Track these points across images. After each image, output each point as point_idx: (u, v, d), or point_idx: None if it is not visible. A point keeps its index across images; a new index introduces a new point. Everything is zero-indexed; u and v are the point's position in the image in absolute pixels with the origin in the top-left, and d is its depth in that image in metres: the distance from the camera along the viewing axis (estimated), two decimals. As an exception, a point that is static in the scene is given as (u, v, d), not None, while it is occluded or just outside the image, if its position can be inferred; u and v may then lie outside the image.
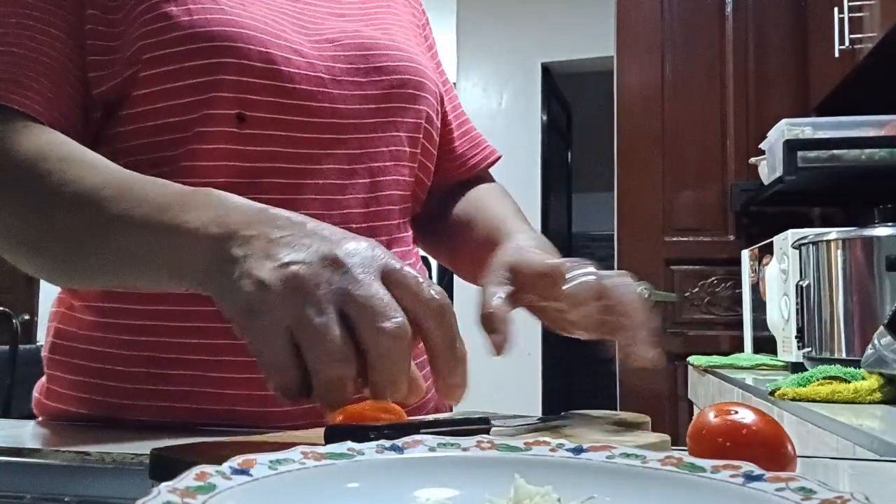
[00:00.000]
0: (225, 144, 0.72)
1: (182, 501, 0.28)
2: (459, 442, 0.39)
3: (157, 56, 0.70)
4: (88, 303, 0.76)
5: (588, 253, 4.10)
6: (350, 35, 0.80)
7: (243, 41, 0.71)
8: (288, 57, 0.74)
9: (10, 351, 2.33)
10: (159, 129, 0.72)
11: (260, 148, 0.73)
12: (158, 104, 0.72)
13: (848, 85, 2.10)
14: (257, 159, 0.73)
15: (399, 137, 0.80)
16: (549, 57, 4.27)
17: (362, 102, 0.78)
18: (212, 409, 0.72)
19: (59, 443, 0.69)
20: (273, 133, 0.73)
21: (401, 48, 0.82)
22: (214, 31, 0.71)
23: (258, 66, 0.72)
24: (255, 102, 0.72)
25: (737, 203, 2.57)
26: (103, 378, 0.74)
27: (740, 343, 2.38)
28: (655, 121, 2.67)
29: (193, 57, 0.70)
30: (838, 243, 1.57)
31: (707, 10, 2.69)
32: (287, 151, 0.74)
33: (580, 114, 5.33)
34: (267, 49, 0.72)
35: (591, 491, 0.35)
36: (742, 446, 0.43)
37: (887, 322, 1.19)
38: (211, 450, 0.48)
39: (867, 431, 0.95)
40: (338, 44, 0.78)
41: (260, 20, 0.74)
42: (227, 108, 0.71)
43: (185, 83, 0.71)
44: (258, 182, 0.72)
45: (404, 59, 0.81)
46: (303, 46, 0.76)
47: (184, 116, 0.71)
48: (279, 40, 0.74)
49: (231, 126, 0.72)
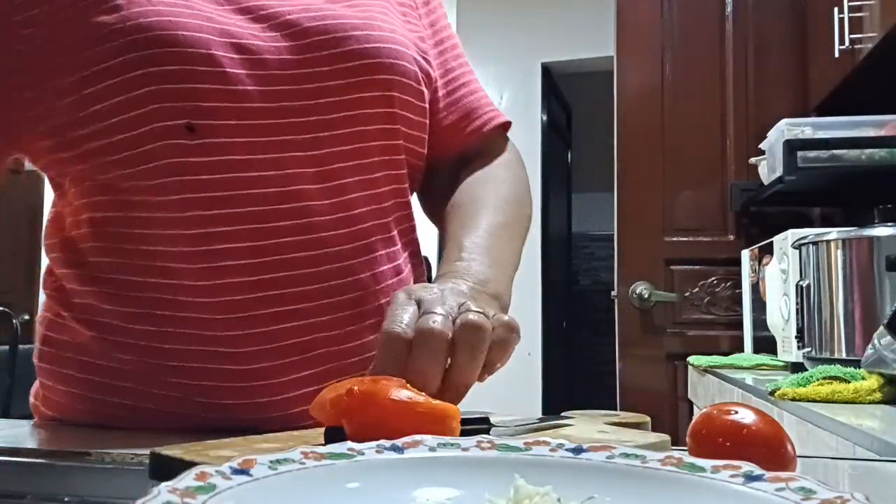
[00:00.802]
0: (176, 158, 0.67)
1: (182, 501, 0.28)
2: (459, 442, 0.39)
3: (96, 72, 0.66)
4: (79, 315, 0.74)
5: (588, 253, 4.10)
6: (311, 16, 0.72)
7: (182, 45, 0.66)
8: (233, 57, 0.68)
9: (10, 351, 2.33)
10: (111, 150, 0.68)
11: (215, 158, 0.68)
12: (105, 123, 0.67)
13: (848, 85, 2.10)
14: (214, 170, 0.68)
15: (368, 131, 0.74)
16: (549, 57, 4.27)
17: (327, 96, 0.71)
18: (208, 416, 0.71)
19: (59, 443, 0.69)
20: (227, 140, 0.68)
21: (372, 27, 0.74)
22: (150, 36, 0.66)
23: (202, 71, 0.66)
24: (203, 110, 0.67)
25: (737, 203, 2.56)
26: (96, 391, 0.73)
27: (740, 343, 2.38)
28: (655, 121, 2.67)
29: (130, 67, 0.66)
30: (838, 243, 1.56)
31: (707, 11, 2.69)
32: (245, 159, 0.68)
33: (580, 114, 5.33)
34: (209, 50, 0.67)
35: (591, 491, 0.35)
36: (742, 446, 0.43)
37: (887, 322, 1.19)
38: (211, 450, 0.48)
39: (867, 431, 0.95)
40: (296, 29, 0.71)
41: (202, 16, 0.68)
42: (175, 119, 0.67)
43: (126, 97, 0.66)
44: (219, 196, 0.68)
45: (374, 38, 0.73)
46: (254, 39, 0.69)
47: (132, 131, 0.67)
48: (224, 37, 0.68)
49: (181, 138, 0.67)
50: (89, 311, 0.73)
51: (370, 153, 0.75)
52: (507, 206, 0.80)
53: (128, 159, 0.68)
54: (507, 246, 0.75)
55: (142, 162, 0.68)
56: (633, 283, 2.64)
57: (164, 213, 0.68)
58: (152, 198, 0.68)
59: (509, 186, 0.84)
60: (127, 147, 0.68)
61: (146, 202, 0.69)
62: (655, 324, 2.64)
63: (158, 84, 0.66)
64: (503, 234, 0.76)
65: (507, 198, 0.81)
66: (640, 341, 2.65)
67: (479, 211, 0.77)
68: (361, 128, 0.73)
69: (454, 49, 0.89)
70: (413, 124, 0.79)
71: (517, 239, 0.79)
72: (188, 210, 0.68)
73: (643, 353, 2.64)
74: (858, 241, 1.54)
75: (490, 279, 0.68)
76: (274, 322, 0.70)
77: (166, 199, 0.68)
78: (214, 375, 0.70)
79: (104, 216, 0.72)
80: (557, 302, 4.60)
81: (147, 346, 0.71)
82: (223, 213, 0.68)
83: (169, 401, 0.71)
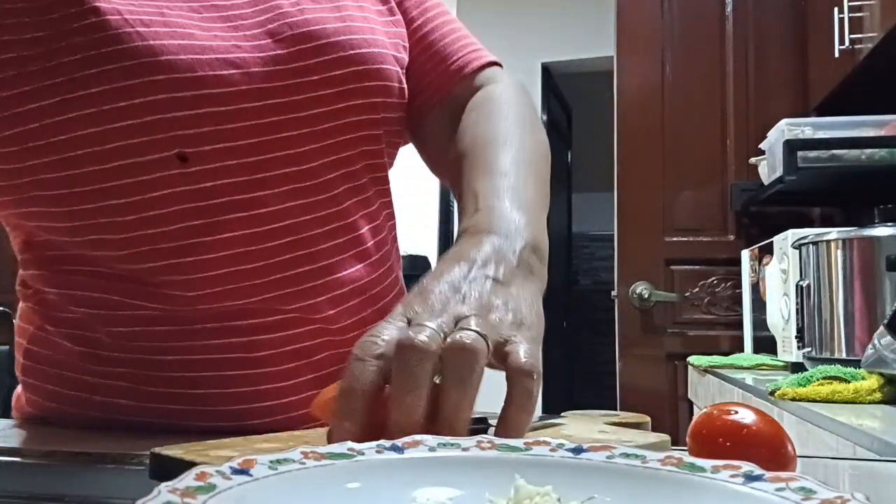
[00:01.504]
0: (169, 189, 0.65)
1: (182, 501, 0.28)
2: (459, 442, 0.39)
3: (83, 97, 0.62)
4: (63, 329, 0.72)
5: (588, 253, 4.10)
6: (290, 22, 0.69)
7: (166, 71, 0.63)
8: (219, 74, 0.65)
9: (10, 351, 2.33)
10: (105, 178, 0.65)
11: (207, 184, 0.66)
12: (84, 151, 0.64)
13: (848, 85, 2.10)
14: (206, 196, 0.66)
15: (354, 139, 0.72)
16: (549, 57, 4.27)
17: (313, 108, 0.69)
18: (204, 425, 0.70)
19: (60, 443, 0.69)
20: (218, 165, 0.66)
21: (352, 29, 0.71)
22: (133, 65, 0.62)
23: (189, 97, 0.64)
24: (193, 137, 0.65)
25: (737, 203, 2.56)
26: (87, 408, 0.72)
27: (740, 343, 2.38)
28: (655, 121, 2.67)
29: (115, 98, 0.62)
30: (838, 243, 1.56)
31: (707, 10, 2.69)
32: (235, 182, 0.66)
33: (580, 114, 5.33)
34: (195, 73, 0.64)
35: (591, 491, 0.35)
36: (742, 446, 0.43)
37: (887, 322, 1.19)
38: (211, 450, 0.48)
39: (867, 431, 0.95)
40: (277, 39, 0.68)
41: (183, 33, 0.65)
42: (165, 151, 0.64)
43: (110, 126, 0.63)
44: (210, 223, 0.66)
45: (356, 44, 0.70)
46: (237, 52, 0.66)
47: (120, 161, 0.64)
48: (208, 54, 0.65)
49: (174, 168, 0.65)
50: (78, 326, 0.71)
51: (356, 159, 0.74)
52: (520, 135, 0.71)
53: (119, 189, 0.66)
54: (531, 181, 0.65)
55: (135, 193, 0.65)
56: (633, 283, 2.64)
57: (160, 244, 0.67)
58: (145, 232, 0.66)
59: (516, 114, 0.75)
60: (118, 176, 0.65)
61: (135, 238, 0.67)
62: (655, 324, 2.64)
63: (144, 116, 0.63)
64: (524, 170, 0.66)
65: (518, 123, 0.73)
66: (640, 341, 2.65)
67: (490, 149, 0.68)
68: (350, 135, 0.72)
69: (437, 7, 0.83)
70: (395, 121, 0.77)
71: (542, 173, 0.69)
72: (188, 238, 0.67)
73: (643, 353, 2.64)
74: (858, 241, 1.54)
75: (521, 226, 0.57)
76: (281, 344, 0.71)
77: (162, 232, 0.66)
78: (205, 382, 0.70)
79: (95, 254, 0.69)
80: (557, 302, 4.60)
81: (143, 358, 0.70)
82: (221, 238, 0.67)
83: (165, 413, 0.71)
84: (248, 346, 0.70)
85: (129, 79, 0.62)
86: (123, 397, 0.71)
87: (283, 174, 0.68)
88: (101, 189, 0.65)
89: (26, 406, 0.77)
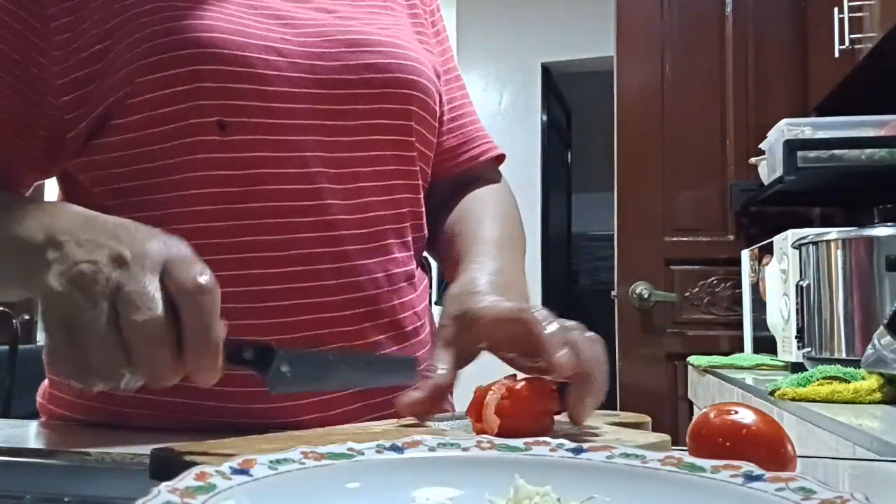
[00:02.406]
0: (207, 154, 0.71)
1: (182, 501, 0.28)
2: (459, 442, 0.39)
3: (142, 66, 0.69)
4: None
5: (588, 253, 4.09)
6: (340, 29, 0.76)
7: (219, 46, 0.70)
8: (266, 59, 0.71)
9: (10, 351, 2.33)
10: (142, 143, 0.71)
11: (240, 154, 0.71)
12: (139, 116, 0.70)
13: (848, 85, 2.10)
14: (238, 166, 0.71)
15: (385, 140, 0.77)
16: (549, 57, 4.27)
17: (350, 103, 0.75)
18: (220, 422, 0.71)
19: (60, 443, 0.69)
20: (256, 138, 0.71)
21: (395, 44, 0.78)
22: (189, 38, 0.69)
23: (236, 71, 0.70)
24: (235, 108, 0.70)
25: (737, 203, 2.57)
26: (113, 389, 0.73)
27: (740, 343, 2.38)
28: (655, 121, 2.67)
29: (172, 65, 0.69)
30: (838, 243, 1.57)
31: (707, 10, 2.68)
32: (272, 156, 0.72)
33: (580, 114, 5.33)
34: (244, 52, 0.70)
35: (591, 491, 0.35)
36: (742, 446, 0.43)
37: (887, 322, 1.19)
38: (212, 450, 0.48)
39: (867, 431, 0.95)
40: (326, 39, 0.75)
41: (239, 21, 0.72)
42: (208, 116, 0.70)
43: (164, 92, 0.69)
44: (245, 190, 0.71)
45: (397, 55, 0.77)
46: (286, 44, 0.73)
47: (164, 126, 0.70)
48: (259, 41, 0.72)
49: (213, 134, 0.70)
50: None
51: (386, 161, 0.78)
52: (508, 222, 0.84)
53: (160, 152, 0.71)
54: (516, 255, 0.79)
55: (175, 155, 0.71)
56: (633, 283, 2.64)
57: (196, 206, 0.71)
58: (184, 192, 0.71)
59: (508, 207, 0.88)
60: (160, 140, 0.71)
61: (175, 197, 0.71)
62: (655, 324, 2.64)
63: (193, 83, 0.69)
64: (509, 245, 0.80)
65: (506, 216, 0.86)
66: (640, 341, 2.65)
67: (482, 225, 0.81)
68: (380, 136, 0.77)
69: (456, 74, 0.94)
70: (425, 141, 0.83)
71: (520, 252, 0.83)
72: (219, 203, 0.71)
73: (643, 353, 2.64)
74: (858, 241, 1.54)
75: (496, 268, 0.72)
76: (295, 313, 0.72)
77: (199, 193, 0.71)
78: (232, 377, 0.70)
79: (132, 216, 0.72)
80: (557, 302, 4.60)
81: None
82: (251, 206, 0.71)
83: (181, 405, 0.71)
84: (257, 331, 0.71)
85: (181, 49, 0.69)
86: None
87: (314, 157, 0.73)
88: (150, 151, 0.71)
89: (48, 405, 0.79)
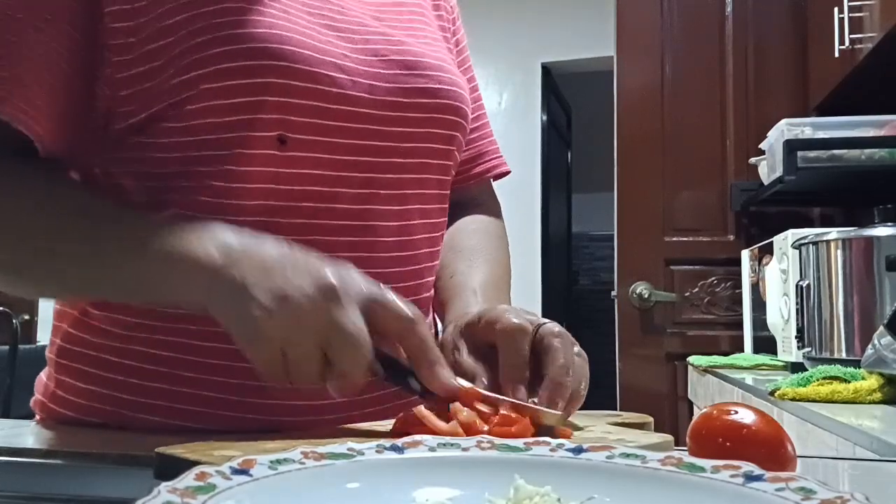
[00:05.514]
0: (262, 167, 0.70)
1: (182, 501, 0.28)
2: (459, 442, 0.39)
3: (209, 72, 0.67)
4: (110, 314, 0.73)
5: (588, 253, 4.10)
6: (394, 48, 0.77)
7: (288, 59, 0.69)
8: (332, 76, 0.71)
9: (10, 351, 2.33)
10: (194, 147, 0.70)
11: (297, 170, 0.71)
12: (196, 122, 0.69)
13: (848, 85, 2.10)
14: (294, 182, 0.71)
15: (432, 165, 0.79)
16: (549, 57, 4.27)
17: (401, 125, 0.75)
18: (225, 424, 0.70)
19: (60, 443, 0.69)
20: (310, 155, 0.71)
21: (443, 68, 0.79)
22: (261, 48, 0.68)
23: (302, 87, 0.69)
24: (296, 124, 0.70)
25: (737, 203, 2.57)
26: (116, 389, 0.72)
27: (740, 343, 2.38)
28: (655, 121, 2.67)
29: (241, 75, 0.67)
30: (838, 243, 1.57)
31: (707, 10, 2.69)
32: (323, 174, 0.71)
33: (580, 114, 5.33)
34: (311, 68, 0.70)
35: (591, 491, 0.35)
36: (742, 446, 0.43)
37: (887, 322, 1.19)
38: (215, 450, 0.48)
39: (867, 431, 0.95)
40: (383, 58, 0.75)
41: (305, 33, 0.71)
42: (269, 131, 0.69)
43: (228, 101, 0.68)
44: (291, 206, 0.71)
45: (447, 81, 0.79)
46: (346, 60, 0.73)
47: (224, 134, 0.69)
48: (324, 56, 0.71)
49: (271, 148, 0.69)
50: (126, 312, 0.73)
51: (429, 185, 0.79)
52: (502, 262, 0.88)
53: (220, 158, 0.70)
54: (501, 295, 0.83)
55: (231, 163, 0.70)
56: (633, 283, 2.64)
57: (247, 216, 0.69)
58: (237, 201, 0.70)
59: (503, 248, 0.91)
60: (211, 148, 0.70)
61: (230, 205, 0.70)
62: (655, 324, 2.64)
63: (259, 95, 0.68)
64: (495, 288, 0.83)
65: (501, 256, 0.89)
66: (640, 341, 2.65)
67: (481, 258, 0.85)
68: (426, 160, 0.78)
69: (475, 84, 0.95)
70: (456, 164, 0.85)
71: (506, 292, 0.87)
72: (275, 216, 0.70)
73: (643, 353, 2.64)
74: (858, 241, 1.54)
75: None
76: None
77: (251, 204, 0.70)
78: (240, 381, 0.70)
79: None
80: (557, 302, 4.60)
81: (178, 348, 0.71)
82: (293, 223, 0.71)
83: (188, 412, 0.71)
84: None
85: (251, 59, 0.67)
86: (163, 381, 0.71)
87: (366, 178, 0.74)
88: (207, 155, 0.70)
89: (50, 403, 0.77)
